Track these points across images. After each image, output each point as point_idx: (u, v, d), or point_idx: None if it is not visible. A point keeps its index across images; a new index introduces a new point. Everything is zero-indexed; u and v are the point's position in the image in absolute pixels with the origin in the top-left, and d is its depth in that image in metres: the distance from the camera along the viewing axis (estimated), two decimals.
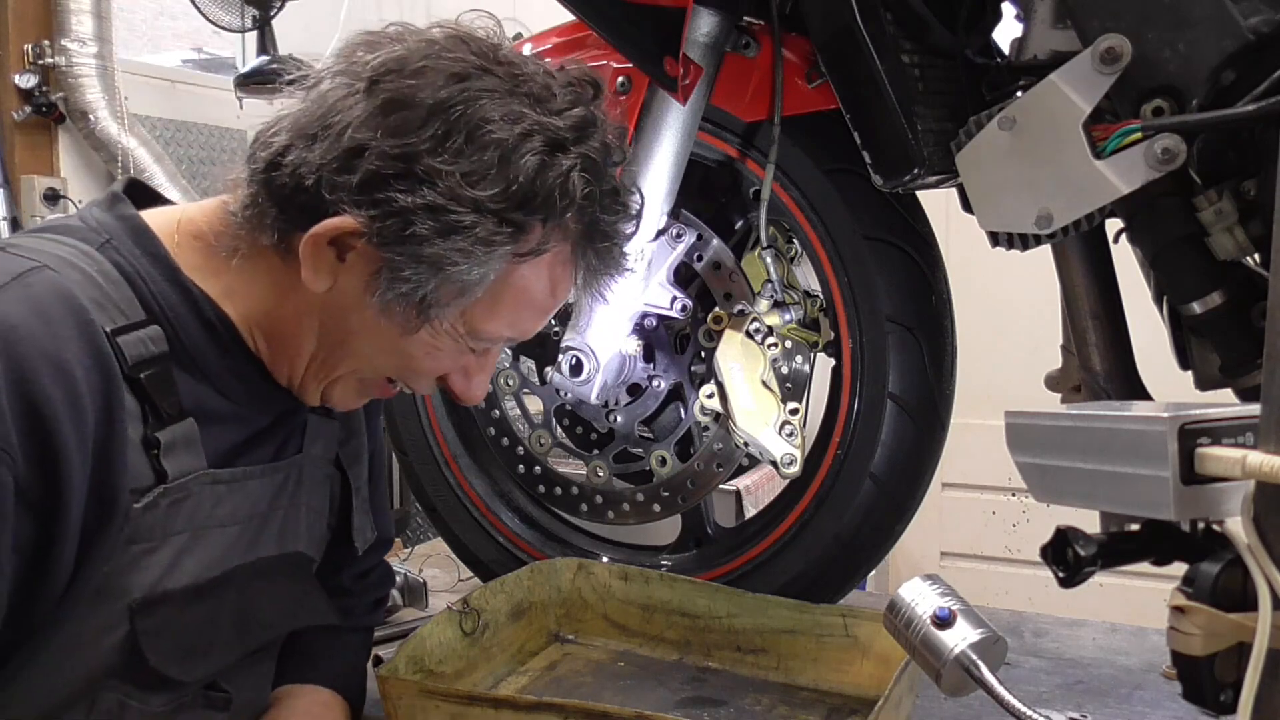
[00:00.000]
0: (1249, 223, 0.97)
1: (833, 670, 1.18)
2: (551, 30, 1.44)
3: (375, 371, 0.94)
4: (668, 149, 1.27)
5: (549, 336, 1.45)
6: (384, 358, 0.92)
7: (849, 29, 1.11)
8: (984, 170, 1.06)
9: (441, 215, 0.81)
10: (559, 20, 1.40)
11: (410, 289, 0.84)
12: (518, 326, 0.92)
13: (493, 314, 0.89)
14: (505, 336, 0.93)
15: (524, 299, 0.90)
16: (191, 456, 0.87)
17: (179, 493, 0.86)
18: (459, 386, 0.96)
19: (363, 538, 1.11)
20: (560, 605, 1.32)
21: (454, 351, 0.92)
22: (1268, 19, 0.93)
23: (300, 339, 0.91)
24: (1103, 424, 0.74)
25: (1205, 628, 0.68)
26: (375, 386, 0.97)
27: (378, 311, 0.86)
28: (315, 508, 1.03)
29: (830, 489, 1.28)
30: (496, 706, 0.97)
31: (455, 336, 0.90)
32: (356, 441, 1.10)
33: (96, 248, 0.86)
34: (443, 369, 0.94)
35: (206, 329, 0.89)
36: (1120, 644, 1.39)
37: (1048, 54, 1.06)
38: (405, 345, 0.89)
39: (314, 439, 1.02)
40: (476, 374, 0.96)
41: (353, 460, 1.09)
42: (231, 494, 0.91)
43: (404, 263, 0.83)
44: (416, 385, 0.98)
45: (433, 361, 0.92)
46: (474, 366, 0.96)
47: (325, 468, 1.04)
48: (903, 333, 1.24)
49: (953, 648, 0.79)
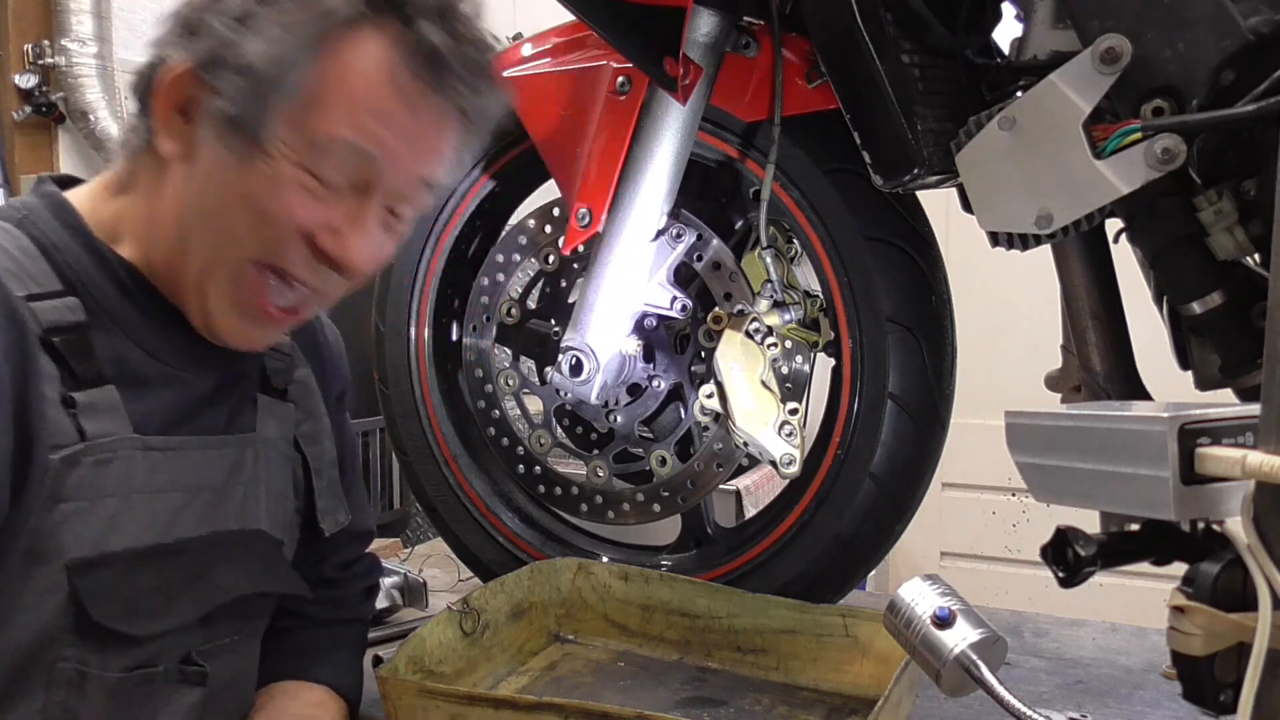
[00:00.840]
0: (1249, 223, 0.97)
1: (833, 670, 1.18)
2: (551, 30, 1.44)
3: (237, 249, 0.88)
4: (668, 149, 1.27)
5: (549, 337, 1.45)
6: (238, 221, 0.87)
7: (849, 29, 1.11)
8: (984, 170, 1.06)
9: (245, 20, 0.84)
10: (559, 20, 1.40)
11: (231, 103, 0.84)
12: (360, 127, 0.86)
13: (321, 110, 0.85)
14: (347, 139, 0.85)
15: (353, 89, 0.85)
16: (112, 420, 0.87)
17: (103, 453, 0.86)
18: (330, 246, 0.89)
19: (331, 520, 1.10)
20: (560, 605, 1.32)
21: (303, 189, 0.86)
22: (1267, 19, 0.93)
23: (181, 250, 0.90)
24: (1103, 424, 0.74)
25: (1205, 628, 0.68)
26: (249, 287, 0.90)
27: (217, 157, 0.86)
28: (278, 489, 1.03)
29: (830, 489, 1.28)
30: (496, 706, 0.97)
31: (295, 160, 0.85)
32: (313, 424, 1.10)
33: (14, 223, 0.89)
34: (300, 220, 0.87)
35: (121, 291, 0.91)
36: (1120, 644, 1.39)
37: (1048, 54, 1.06)
38: (251, 187, 0.86)
39: (267, 418, 1.03)
40: (349, 230, 0.89)
41: (310, 441, 1.09)
42: (170, 462, 0.91)
43: (223, 81, 0.84)
44: (285, 259, 0.89)
45: (282, 203, 0.86)
46: (340, 220, 0.88)
47: (284, 448, 1.05)
48: (903, 333, 1.24)
49: (953, 648, 0.79)
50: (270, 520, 1.02)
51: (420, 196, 0.94)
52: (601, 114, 1.33)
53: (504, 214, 1.59)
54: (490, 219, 1.56)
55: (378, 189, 0.89)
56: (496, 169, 1.49)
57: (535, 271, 1.48)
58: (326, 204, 0.88)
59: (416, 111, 0.88)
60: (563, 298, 1.46)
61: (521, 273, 1.48)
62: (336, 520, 1.11)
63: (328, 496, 1.10)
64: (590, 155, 1.33)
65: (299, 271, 0.91)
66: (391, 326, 1.54)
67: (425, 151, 0.91)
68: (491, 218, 1.57)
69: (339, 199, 0.88)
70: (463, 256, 1.55)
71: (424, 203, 0.96)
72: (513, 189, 1.55)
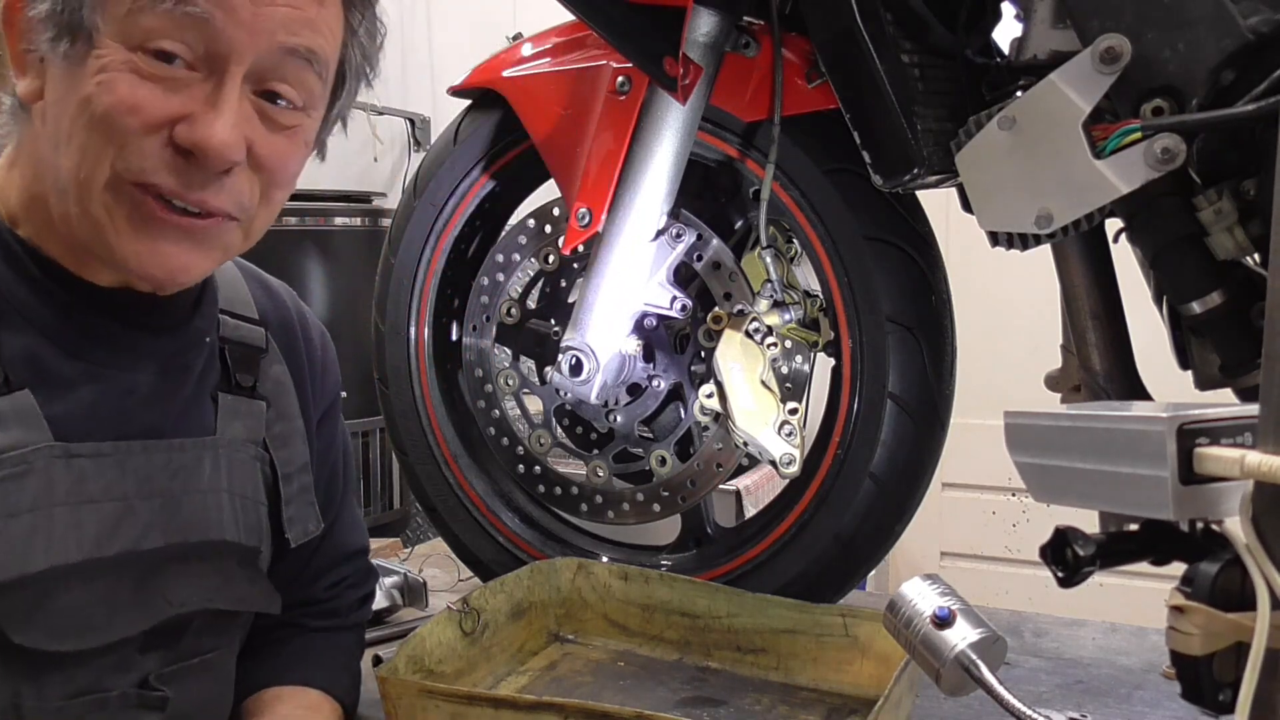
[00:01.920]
0: (1249, 223, 0.97)
1: (833, 670, 1.18)
2: (551, 30, 1.44)
3: (97, 167, 0.79)
4: (668, 149, 1.27)
5: (549, 337, 1.45)
6: (90, 136, 0.78)
7: (849, 29, 1.11)
8: (984, 170, 1.06)
9: None
10: (559, 20, 1.40)
11: (50, 6, 0.77)
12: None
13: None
14: (169, 4, 0.76)
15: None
16: (26, 429, 0.80)
17: (14, 466, 0.79)
18: (185, 136, 0.78)
19: (299, 529, 1.03)
20: (560, 605, 1.32)
21: (139, 78, 0.77)
22: (1267, 19, 0.93)
23: (61, 198, 0.82)
24: (1102, 424, 0.74)
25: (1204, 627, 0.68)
26: (131, 199, 0.81)
27: (59, 73, 0.78)
28: (246, 495, 0.97)
29: (830, 489, 1.29)
30: (496, 706, 0.97)
31: (127, 44, 0.77)
32: (285, 425, 1.03)
33: None
34: (145, 113, 0.78)
35: (29, 282, 0.83)
36: (1120, 644, 1.39)
37: (1047, 54, 1.06)
38: (88, 90, 0.77)
39: (230, 419, 0.96)
40: (202, 115, 0.78)
41: (281, 444, 1.02)
42: (101, 469, 0.84)
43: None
44: (148, 169, 0.79)
45: (119, 97, 0.77)
46: (193, 105, 0.79)
47: (252, 450, 0.98)
48: (903, 333, 1.24)
49: (953, 647, 0.79)
50: (237, 528, 0.96)
51: (295, 71, 0.82)
52: (601, 114, 1.33)
53: (504, 214, 1.59)
54: (490, 219, 1.57)
55: (229, 61, 0.78)
56: (496, 169, 1.49)
57: (535, 271, 1.48)
58: (172, 90, 0.78)
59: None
60: (563, 298, 1.46)
61: (521, 273, 1.48)
62: (305, 530, 1.04)
63: (297, 504, 1.03)
64: (590, 155, 1.33)
65: (165, 181, 0.79)
66: (391, 326, 1.54)
67: (274, 7, 0.79)
68: (491, 218, 1.57)
69: (187, 84, 0.78)
70: (463, 256, 1.55)
71: (306, 81, 0.84)
72: (513, 189, 1.55)
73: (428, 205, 1.51)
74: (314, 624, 1.11)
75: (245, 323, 1.02)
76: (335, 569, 1.13)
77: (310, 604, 1.10)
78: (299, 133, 0.86)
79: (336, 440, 1.13)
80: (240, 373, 0.99)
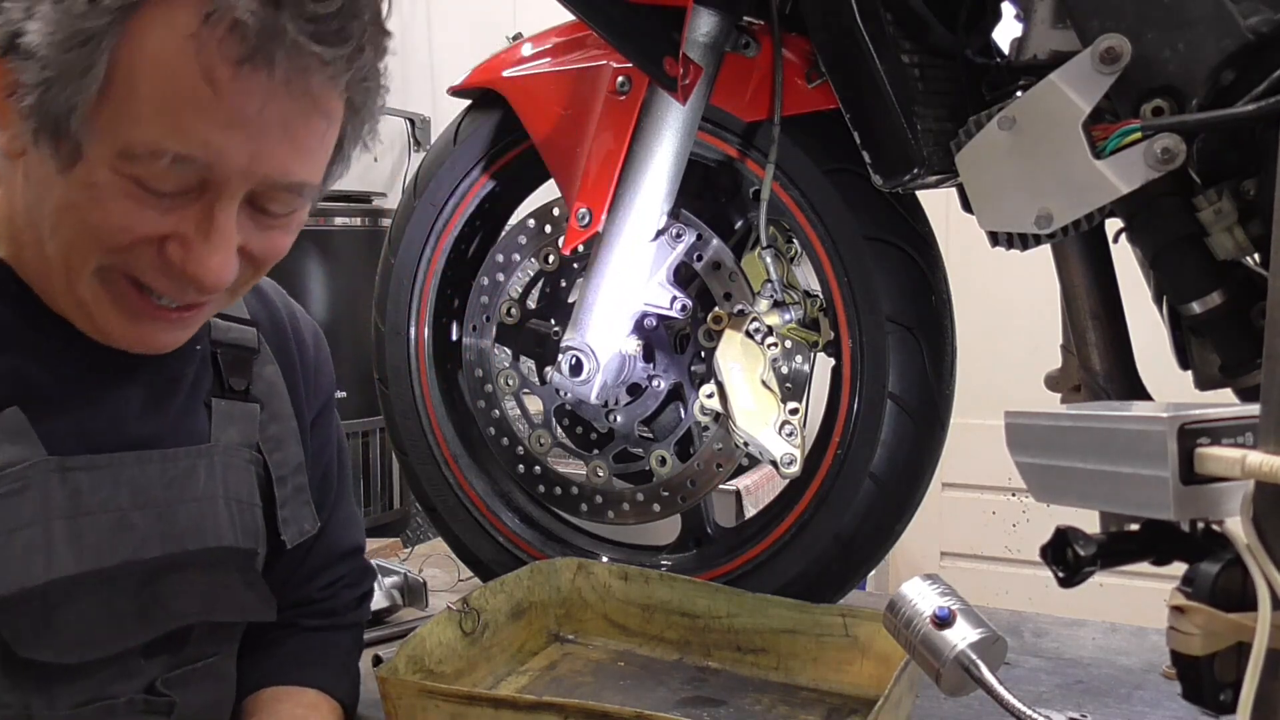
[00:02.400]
0: (1249, 223, 0.97)
1: (833, 670, 1.18)
2: (551, 30, 1.44)
3: (84, 257, 0.77)
4: (668, 149, 1.27)
5: (549, 337, 1.45)
6: (74, 230, 0.77)
7: (849, 29, 1.11)
8: (984, 170, 1.06)
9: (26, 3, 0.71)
10: (559, 20, 1.40)
11: (33, 98, 0.72)
12: (174, 128, 0.72)
13: (128, 109, 0.72)
14: (159, 144, 0.72)
15: (158, 81, 0.71)
16: (19, 446, 0.80)
17: (13, 482, 0.80)
18: (179, 259, 0.76)
19: (294, 530, 1.02)
20: (560, 605, 1.32)
21: (129, 199, 0.74)
22: (1267, 19, 0.93)
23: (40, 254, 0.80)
24: (1102, 424, 0.74)
25: (1205, 627, 0.68)
26: (120, 289, 0.80)
27: (38, 158, 0.75)
28: (242, 499, 0.97)
29: (830, 489, 1.28)
30: (496, 706, 0.97)
31: (114, 168, 0.73)
32: (279, 427, 1.02)
33: None
34: (136, 232, 0.76)
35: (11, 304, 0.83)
36: (1120, 644, 1.39)
37: (1047, 54, 1.06)
38: (73, 196, 0.75)
39: (224, 425, 0.95)
40: (197, 241, 0.76)
41: (275, 446, 1.01)
42: (99, 482, 0.84)
43: (23, 71, 0.72)
44: (136, 269, 0.78)
45: (106, 216, 0.75)
46: (186, 227, 0.76)
47: (244, 453, 0.97)
48: (903, 333, 1.24)
49: (953, 647, 0.79)
50: (234, 532, 0.96)
51: (286, 199, 0.80)
52: (601, 114, 1.33)
53: (504, 214, 1.59)
54: (490, 219, 1.57)
55: (222, 191, 0.76)
56: (496, 169, 1.49)
57: (535, 271, 1.48)
58: (165, 212, 0.75)
59: (239, 98, 0.72)
60: (563, 298, 1.46)
61: (521, 273, 1.48)
62: (301, 530, 1.04)
63: (292, 505, 1.03)
64: (590, 155, 1.33)
65: (156, 283, 0.79)
66: (391, 326, 1.54)
67: (267, 144, 0.75)
68: (491, 218, 1.57)
69: (180, 204, 0.76)
70: (463, 256, 1.55)
71: (295, 205, 0.82)
72: (513, 189, 1.55)
73: (428, 205, 1.51)
74: (310, 623, 1.10)
75: (237, 323, 1.01)
76: (330, 568, 1.12)
77: (306, 604, 1.10)
78: (293, 221, 0.84)
79: (331, 439, 1.12)
80: (233, 376, 0.98)
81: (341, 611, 1.14)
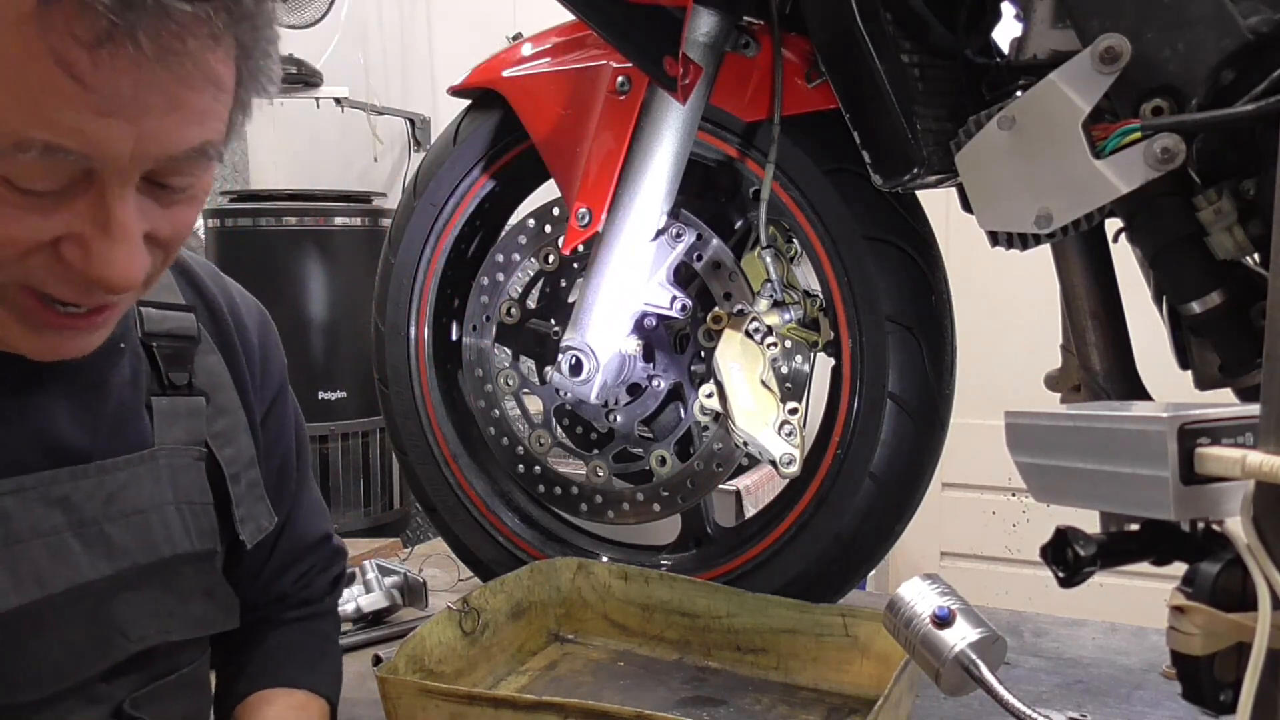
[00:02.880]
0: (1248, 222, 0.97)
1: (833, 670, 1.18)
2: (551, 30, 1.44)
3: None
4: (668, 149, 1.27)
5: (549, 336, 1.45)
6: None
7: (849, 29, 1.11)
8: (984, 170, 1.06)
9: None
10: (559, 20, 1.40)
11: None
12: (42, 118, 0.62)
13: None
14: (32, 137, 0.62)
15: (10, 73, 0.61)
16: None
17: None
18: (78, 261, 0.68)
19: (252, 527, 0.97)
20: (560, 605, 1.32)
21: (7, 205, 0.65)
22: (1267, 19, 0.93)
23: None
24: (1102, 424, 0.74)
25: (1205, 627, 0.68)
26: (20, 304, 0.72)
27: None
28: (194, 499, 0.90)
29: (830, 489, 1.29)
30: (496, 706, 0.97)
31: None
32: (227, 420, 0.95)
33: None
34: (21, 241, 0.67)
35: None
36: (1120, 644, 1.39)
37: (1047, 54, 1.06)
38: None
39: (168, 425, 0.89)
40: (94, 237, 0.67)
41: (225, 442, 0.94)
42: (26, 505, 0.78)
43: None
44: (36, 280, 0.70)
45: None
46: (80, 225, 0.67)
47: (193, 452, 0.91)
48: (903, 333, 1.24)
49: (952, 647, 0.79)
50: (189, 537, 0.89)
51: (187, 168, 0.71)
52: (601, 114, 1.33)
53: (504, 214, 1.59)
54: (490, 219, 1.57)
55: (111, 179, 0.66)
56: (496, 169, 1.49)
57: (535, 271, 1.48)
58: (48, 213, 0.66)
59: (106, 85, 0.62)
60: (563, 297, 1.46)
61: (521, 273, 1.48)
62: (259, 527, 0.98)
63: (247, 503, 0.96)
64: (590, 155, 1.33)
65: (58, 291, 0.71)
66: (391, 326, 1.54)
67: (150, 121, 0.65)
68: (491, 218, 1.57)
69: (65, 201, 0.67)
70: (463, 256, 1.55)
71: (202, 162, 0.72)
72: (513, 189, 1.55)
73: (428, 205, 1.51)
74: (289, 615, 1.07)
75: (172, 310, 0.93)
76: (300, 561, 1.08)
77: (281, 599, 1.06)
78: (198, 190, 0.75)
79: (287, 429, 1.05)
80: (173, 371, 0.91)
81: (318, 599, 1.10)
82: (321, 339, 2.83)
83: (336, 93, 3.21)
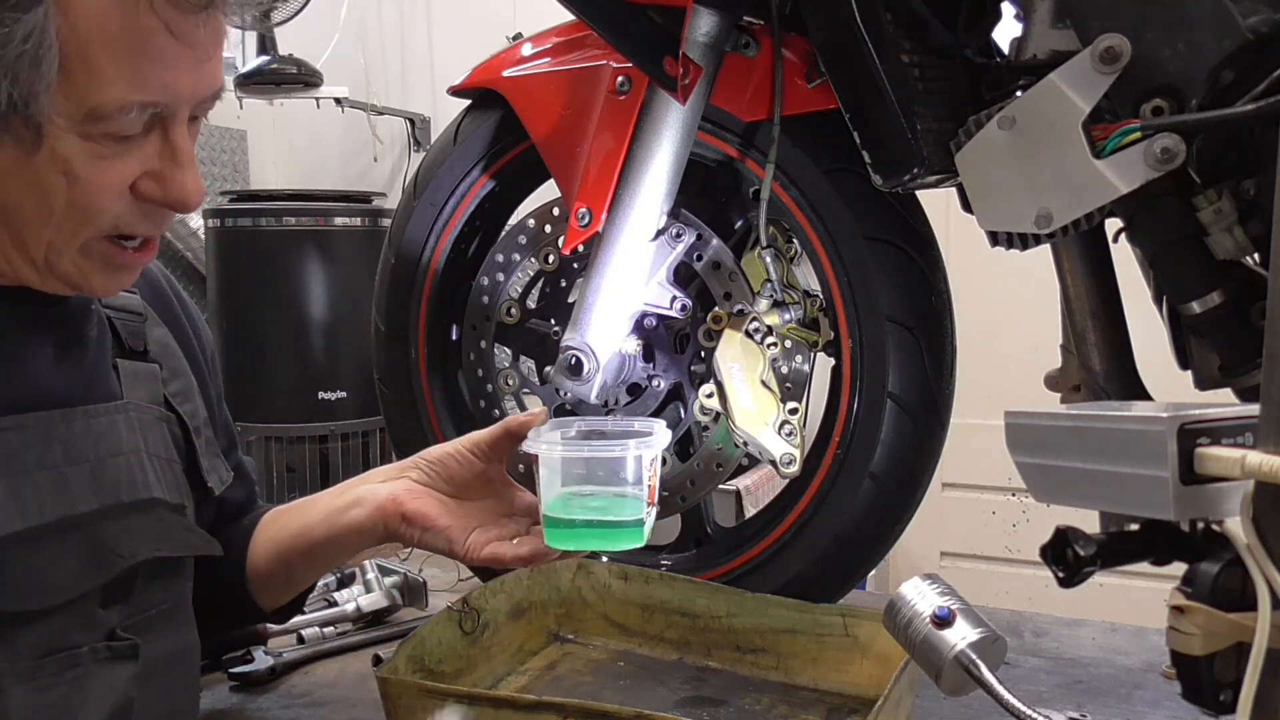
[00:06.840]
0: (1248, 222, 0.97)
1: (833, 670, 1.18)
2: (551, 30, 1.44)
3: (67, 236, 0.82)
4: (667, 149, 1.27)
5: (549, 336, 1.45)
6: (54, 214, 0.81)
7: (849, 29, 1.11)
8: (984, 170, 1.06)
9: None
10: (559, 20, 1.40)
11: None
12: (140, 80, 0.77)
13: (93, 76, 0.76)
14: (133, 100, 0.78)
15: (114, 41, 0.76)
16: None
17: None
18: (157, 193, 0.83)
19: (216, 478, 1.07)
20: (560, 605, 1.32)
21: (98, 159, 0.79)
22: (1267, 19, 0.93)
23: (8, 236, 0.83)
24: (1102, 424, 0.74)
25: (1204, 627, 0.68)
26: (102, 253, 0.85)
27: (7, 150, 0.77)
28: (162, 455, 0.99)
29: (830, 489, 1.29)
30: (496, 706, 0.97)
31: (81, 134, 0.78)
32: (181, 382, 1.05)
33: None
34: (112, 189, 0.81)
35: None
36: (1120, 644, 1.39)
37: (1047, 54, 1.06)
38: (48, 180, 0.79)
39: (132, 384, 0.98)
40: (170, 170, 0.83)
41: (182, 399, 1.05)
42: (28, 441, 0.86)
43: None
44: (117, 226, 0.84)
45: (84, 186, 0.80)
46: (154, 163, 0.82)
47: (155, 410, 1.00)
48: (903, 333, 1.24)
49: (953, 647, 0.79)
50: (162, 486, 0.97)
51: (211, 104, 0.87)
52: (601, 114, 1.33)
53: (504, 214, 1.59)
54: (490, 219, 1.57)
55: (174, 118, 0.82)
56: (496, 169, 1.49)
57: (535, 271, 1.48)
58: (130, 158, 0.81)
59: (189, 39, 0.79)
60: (563, 298, 1.46)
61: (521, 273, 1.48)
62: (221, 478, 1.08)
63: (209, 455, 1.07)
64: (590, 155, 1.33)
65: (136, 228, 0.85)
66: (391, 326, 1.54)
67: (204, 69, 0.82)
68: (491, 218, 1.57)
69: (138, 144, 0.81)
70: (463, 256, 1.55)
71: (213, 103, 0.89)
72: (513, 189, 1.55)
73: (428, 205, 1.51)
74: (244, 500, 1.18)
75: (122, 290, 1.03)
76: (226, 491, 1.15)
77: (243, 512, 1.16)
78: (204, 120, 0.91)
79: (220, 389, 1.16)
80: (130, 338, 1.01)
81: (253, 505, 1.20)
82: (321, 339, 2.83)
83: (336, 93, 3.21)
